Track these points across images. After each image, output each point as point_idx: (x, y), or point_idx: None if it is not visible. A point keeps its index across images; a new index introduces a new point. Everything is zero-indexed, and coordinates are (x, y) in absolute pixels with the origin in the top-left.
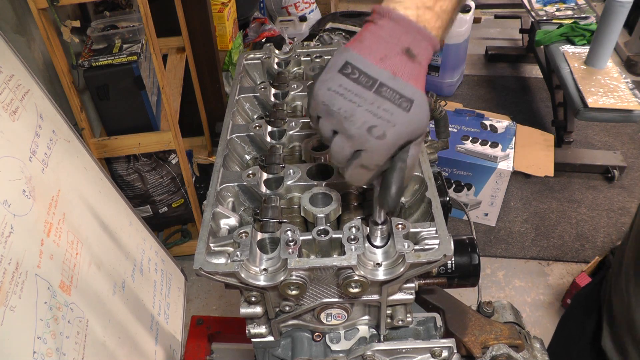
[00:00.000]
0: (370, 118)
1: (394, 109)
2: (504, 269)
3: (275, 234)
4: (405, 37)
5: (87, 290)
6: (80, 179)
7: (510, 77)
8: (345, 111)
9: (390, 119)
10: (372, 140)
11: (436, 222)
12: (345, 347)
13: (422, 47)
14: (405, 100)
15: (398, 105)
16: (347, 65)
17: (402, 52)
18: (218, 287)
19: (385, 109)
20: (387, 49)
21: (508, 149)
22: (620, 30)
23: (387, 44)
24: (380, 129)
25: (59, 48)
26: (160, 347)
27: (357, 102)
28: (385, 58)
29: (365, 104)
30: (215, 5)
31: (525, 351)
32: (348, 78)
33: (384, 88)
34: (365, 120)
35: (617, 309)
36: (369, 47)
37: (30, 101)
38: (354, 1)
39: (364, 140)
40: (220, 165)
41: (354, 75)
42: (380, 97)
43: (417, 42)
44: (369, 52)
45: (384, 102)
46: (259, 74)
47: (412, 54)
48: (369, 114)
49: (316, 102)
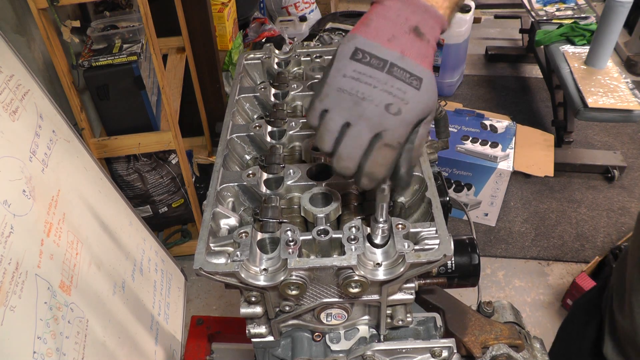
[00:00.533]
0: (386, 96)
1: (405, 87)
2: (504, 269)
3: (275, 234)
4: (413, 16)
5: (87, 290)
6: (80, 179)
7: (510, 77)
8: (362, 93)
9: (403, 97)
10: (391, 117)
11: (436, 222)
12: (345, 347)
13: (430, 25)
14: (415, 79)
15: (409, 84)
16: (358, 51)
17: (410, 31)
18: (218, 287)
19: (398, 88)
20: (395, 29)
21: (508, 149)
22: (620, 30)
23: (394, 24)
24: (395, 107)
25: (59, 48)
26: (160, 347)
27: (372, 83)
28: (393, 38)
29: (380, 84)
30: (215, 5)
31: (525, 351)
32: (360, 63)
33: (395, 68)
34: (382, 98)
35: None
36: (376, 29)
37: (30, 101)
38: (354, 1)
39: (382, 119)
40: (220, 165)
41: (365, 59)
42: (392, 77)
43: (425, 20)
44: (376, 35)
45: (396, 82)
46: (259, 74)
47: (420, 33)
48: (384, 93)
49: (329, 90)
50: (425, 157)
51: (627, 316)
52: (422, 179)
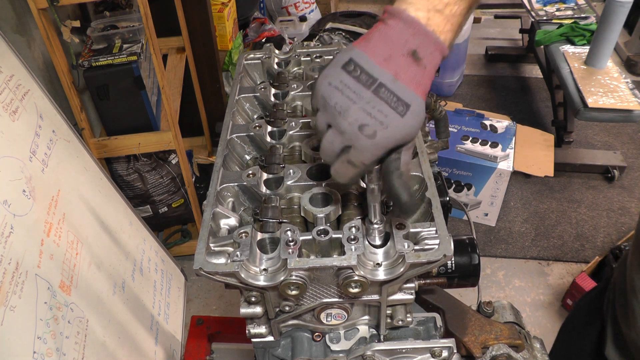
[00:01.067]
0: (363, 116)
1: (388, 111)
2: (504, 269)
3: (275, 234)
4: (413, 39)
5: (87, 290)
6: (80, 179)
7: (510, 77)
8: (340, 106)
9: (383, 120)
10: (362, 139)
11: (436, 222)
12: (345, 347)
13: (429, 51)
14: (402, 104)
15: (393, 109)
16: (351, 62)
17: (408, 55)
18: (218, 287)
19: (379, 110)
20: (393, 50)
21: (508, 149)
22: (620, 30)
23: (393, 45)
24: (371, 129)
25: (59, 48)
26: (160, 347)
27: (353, 98)
28: (390, 59)
29: (361, 102)
30: (215, 5)
31: (525, 351)
32: (349, 75)
33: (383, 89)
34: (357, 117)
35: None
36: (375, 46)
37: (30, 101)
38: (354, 1)
39: (353, 137)
40: (220, 165)
41: (355, 73)
42: (377, 97)
43: (424, 46)
44: (373, 52)
45: (379, 103)
46: (259, 74)
47: (418, 57)
48: (362, 112)
49: (316, 94)
50: (425, 157)
51: (632, 326)
52: (422, 179)
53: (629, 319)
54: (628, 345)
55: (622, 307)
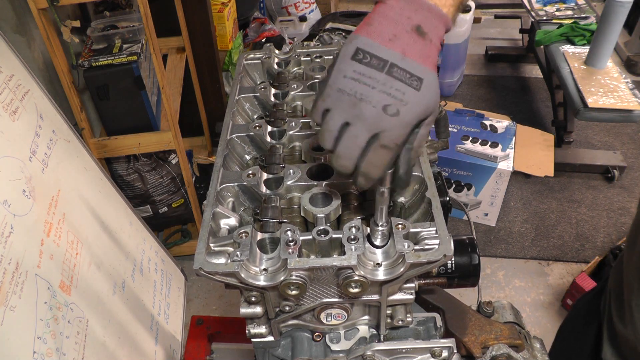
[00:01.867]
0: (384, 97)
1: (405, 88)
2: (504, 269)
3: (275, 234)
4: (415, 15)
5: (87, 290)
6: (80, 179)
7: (510, 77)
8: (360, 94)
9: (402, 97)
10: (388, 119)
11: (436, 222)
12: (345, 347)
13: (433, 24)
14: (415, 80)
15: (409, 85)
16: (359, 52)
17: (412, 31)
18: (218, 287)
19: (397, 89)
20: (396, 29)
21: (508, 149)
22: (620, 30)
23: (396, 23)
24: (394, 107)
25: (59, 48)
26: (160, 347)
27: (370, 84)
28: (395, 38)
29: (379, 85)
30: (215, 5)
31: (525, 351)
32: (360, 63)
33: (395, 68)
34: (380, 99)
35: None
36: (378, 29)
37: (30, 101)
38: (354, 1)
39: (380, 120)
40: (220, 165)
41: (365, 59)
42: (391, 78)
43: (428, 19)
44: (377, 34)
45: (395, 82)
46: (259, 74)
47: (423, 32)
48: (382, 94)
49: (330, 90)
50: (425, 157)
51: (628, 325)
52: (422, 179)
53: (624, 318)
54: (623, 346)
55: (618, 306)
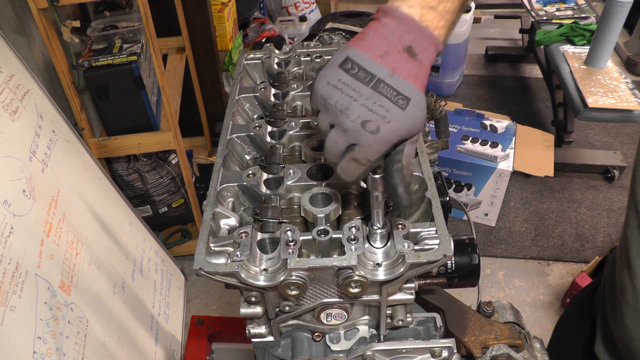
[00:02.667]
0: (365, 112)
1: (389, 106)
2: (504, 269)
3: (275, 234)
4: (407, 35)
5: (87, 290)
6: (80, 179)
7: (510, 77)
8: (341, 104)
9: (385, 115)
10: (366, 135)
11: (436, 222)
12: (345, 347)
13: (424, 46)
14: (402, 98)
15: (394, 103)
16: (347, 61)
17: (403, 50)
18: (218, 287)
19: (380, 105)
20: (388, 47)
21: (508, 149)
22: (620, 30)
23: (389, 41)
24: (374, 124)
25: (59, 48)
26: (160, 347)
27: (353, 96)
28: (386, 55)
29: (362, 98)
30: (215, 5)
31: (525, 351)
32: (347, 73)
33: (382, 84)
34: (360, 114)
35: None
36: (370, 44)
37: (30, 101)
38: (354, 1)
39: (357, 134)
40: (220, 165)
41: (353, 70)
42: (376, 93)
43: (419, 41)
44: (369, 49)
45: (380, 98)
46: (259, 74)
47: (414, 53)
48: (363, 109)
49: (316, 95)
50: (425, 157)
51: (620, 324)
52: (422, 179)
53: (616, 316)
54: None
55: (611, 304)
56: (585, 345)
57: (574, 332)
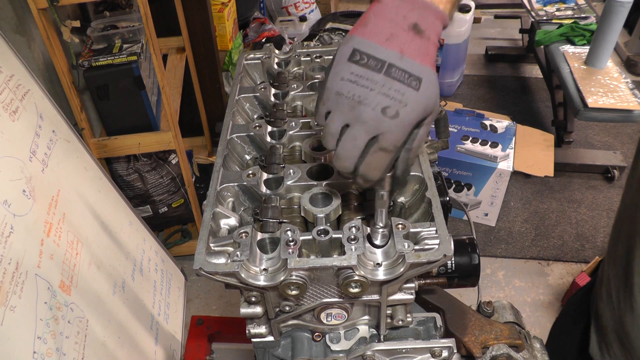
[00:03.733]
0: (383, 99)
1: (404, 89)
2: (504, 269)
3: (275, 234)
4: (411, 13)
5: (87, 290)
6: (80, 179)
7: (510, 77)
8: (359, 96)
9: (401, 98)
10: (387, 121)
11: (436, 222)
12: (345, 347)
13: (430, 21)
14: (414, 79)
15: (408, 85)
16: (356, 52)
17: (409, 29)
18: (218, 287)
19: (396, 90)
20: (393, 28)
21: (508, 149)
22: (620, 30)
23: (392, 22)
24: (393, 109)
25: (59, 48)
26: (160, 347)
27: (369, 86)
28: (392, 37)
29: (377, 86)
30: (215, 5)
31: (525, 351)
32: (358, 64)
33: (393, 69)
34: (379, 101)
35: (605, 316)
36: (374, 29)
37: (30, 101)
38: (354, 1)
39: (379, 122)
40: (220, 165)
41: (362, 60)
42: (390, 79)
43: (424, 17)
44: (374, 34)
45: (394, 83)
46: (259, 74)
47: (420, 30)
48: (381, 96)
49: (329, 93)
50: (425, 157)
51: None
52: (422, 179)
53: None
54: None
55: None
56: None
57: (570, 332)
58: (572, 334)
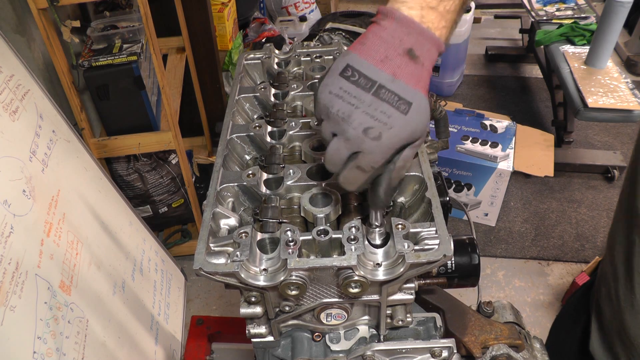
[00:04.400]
0: (367, 120)
1: (391, 111)
2: (504, 269)
3: (275, 234)
4: (408, 38)
5: (87, 290)
6: (80, 179)
7: (510, 77)
8: (343, 113)
9: (387, 121)
10: (368, 142)
11: (436, 222)
12: (345, 347)
13: (425, 48)
14: (404, 103)
15: (396, 108)
16: (348, 68)
17: (404, 54)
18: (218, 287)
19: (382, 111)
20: (388, 50)
21: (508, 149)
22: (620, 30)
23: (389, 45)
24: (376, 131)
25: (59, 48)
26: (160, 347)
27: (355, 104)
28: (386, 59)
29: (363, 105)
30: (215, 5)
31: (525, 351)
32: (348, 81)
33: (383, 90)
34: (362, 121)
35: (606, 314)
36: (370, 48)
37: (30, 101)
38: (354, 1)
39: (360, 142)
40: (220, 165)
41: (353, 77)
42: (378, 100)
43: (420, 43)
44: (369, 54)
45: (381, 105)
46: (259, 74)
47: (414, 55)
48: (365, 116)
49: (319, 105)
50: (425, 157)
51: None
52: (422, 179)
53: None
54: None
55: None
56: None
57: (569, 332)
58: (572, 331)
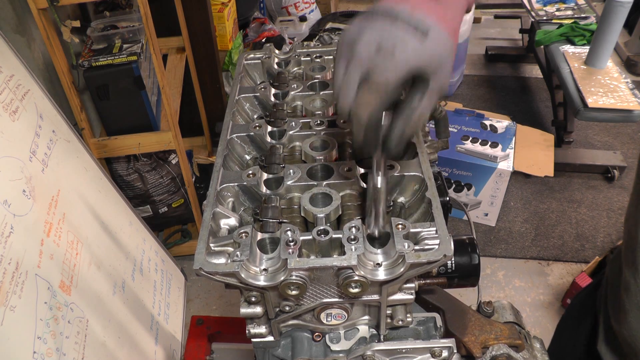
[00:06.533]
0: (380, 35)
1: (405, 36)
2: (504, 269)
3: (275, 234)
4: None
5: (87, 290)
6: (80, 179)
7: (510, 77)
8: (357, 33)
9: (399, 42)
10: (380, 57)
11: (436, 222)
12: (345, 347)
13: None
14: (420, 32)
15: (412, 35)
16: (369, 12)
17: None
18: (218, 287)
19: (397, 35)
20: None
21: (508, 149)
22: (620, 30)
23: None
24: (389, 48)
25: (59, 48)
26: (160, 347)
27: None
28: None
29: (377, 28)
30: (215, 5)
31: (525, 351)
32: (366, 18)
33: (399, 20)
34: (374, 39)
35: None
36: None
37: (30, 101)
38: (354, 1)
39: (371, 57)
40: (220, 165)
41: (374, 15)
42: (394, 27)
43: None
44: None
45: (397, 30)
46: (259, 74)
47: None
48: (378, 32)
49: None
50: (425, 157)
51: (623, 323)
52: (422, 179)
53: (619, 315)
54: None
55: (614, 304)
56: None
57: (574, 331)
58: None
